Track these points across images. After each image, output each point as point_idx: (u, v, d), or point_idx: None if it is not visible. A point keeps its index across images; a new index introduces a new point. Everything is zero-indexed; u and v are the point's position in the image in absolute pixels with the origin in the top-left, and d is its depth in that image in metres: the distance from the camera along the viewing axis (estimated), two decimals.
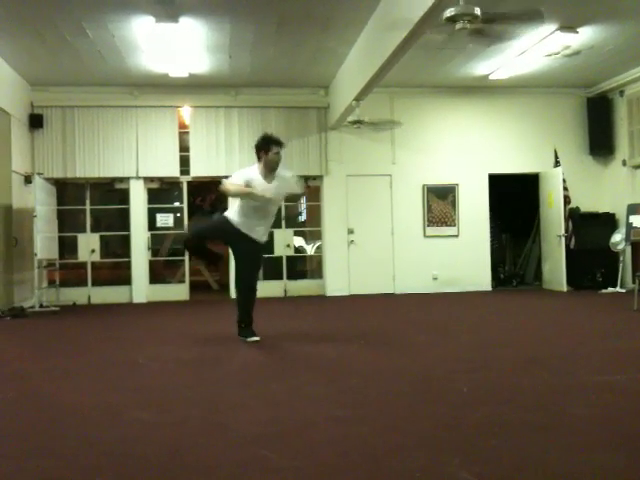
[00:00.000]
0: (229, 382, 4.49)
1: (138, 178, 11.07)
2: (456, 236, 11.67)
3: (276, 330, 7.35)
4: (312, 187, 11.81)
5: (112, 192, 11.50)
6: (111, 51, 9.02)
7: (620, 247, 10.72)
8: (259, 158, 5.94)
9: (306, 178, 11.57)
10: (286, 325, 7.80)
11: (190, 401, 3.93)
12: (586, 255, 11.14)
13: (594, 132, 11.75)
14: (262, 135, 6.10)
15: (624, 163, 11.33)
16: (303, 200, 12.82)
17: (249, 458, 2.84)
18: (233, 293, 10.12)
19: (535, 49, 9.17)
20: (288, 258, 11.60)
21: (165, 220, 11.42)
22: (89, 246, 11.07)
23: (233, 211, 6.06)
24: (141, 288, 11.08)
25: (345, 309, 9.61)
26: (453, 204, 11.66)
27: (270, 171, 5.92)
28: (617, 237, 10.77)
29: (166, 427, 3.36)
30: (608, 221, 11.37)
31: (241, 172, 6.02)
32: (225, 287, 11.71)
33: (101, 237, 11.33)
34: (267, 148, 5.87)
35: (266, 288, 11.36)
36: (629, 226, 10.32)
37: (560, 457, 2.76)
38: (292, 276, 11.67)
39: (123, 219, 11.37)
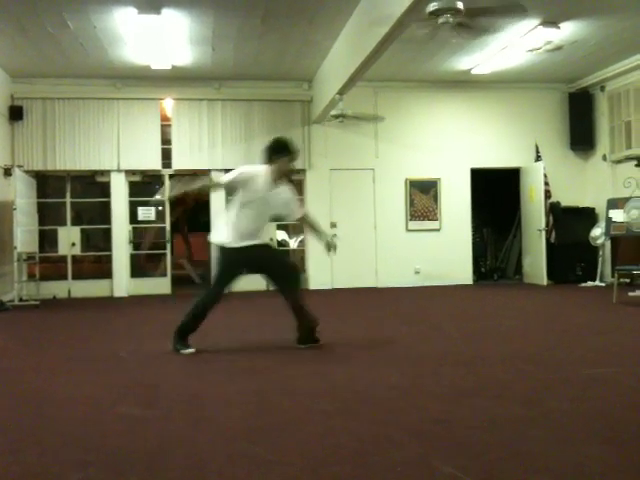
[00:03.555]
0: (215, 377, 4.48)
1: (119, 171, 10.97)
2: (438, 230, 11.72)
3: (261, 324, 7.35)
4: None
5: (93, 185, 11.40)
6: (93, 43, 8.92)
7: (600, 241, 10.83)
8: (270, 161, 5.31)
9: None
10: (270, 319, 7.79)
11: (175, 396, 3.91)
12: (566, 249, 11.25)
13: (575, 127, 11.85)
14: (279, 138, 5.48)
15: (604, 158, 11.45)
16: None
17: (237, 453, 2.84)
18: None
19: (517, 44, 9.22)
20: None
21: (147, 213, 11.35)
22: (70, 239, 10.98)
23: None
24: (122, 282, 11.00)
25: (328, 303, 9.61)
26: (435, 198, 11.71)
27: (279, 178, 5.35)
28: (597, 231, 10.87)
29: (152, 422, 3.35)
30: (588, 215, 11.49)
31: (245, 168, 5.42)
32: (207, 281, 11.65)
33: (82, 230, 11.24)
34: (283, 154, 5.31)
35: (249, 282, 11.36)
36: (609, 220, 10.42)
37: (546, 450, 2.78)
38: None
39: (104, 212, 11.28)
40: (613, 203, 10.43)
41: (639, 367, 4.50)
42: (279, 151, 5.33)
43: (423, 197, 11.69)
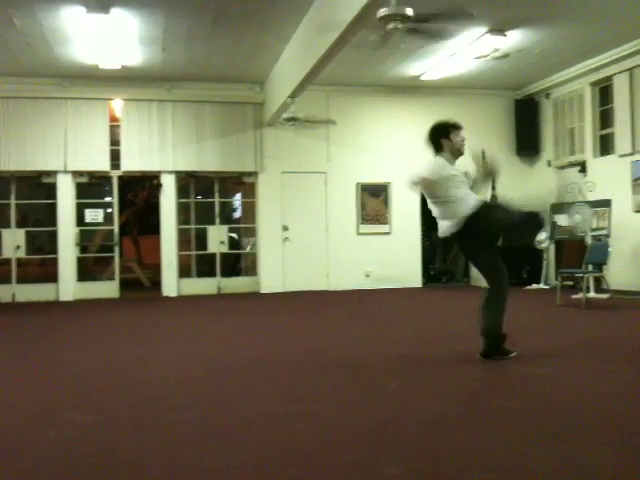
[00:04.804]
0: (162, 381, 4.43)
1: (66, 172, 10.75)
2: (389, 234, 11.84)
3: (211, 327, 7.31)
4: (247, 183, 11.78)
5: (39, 186, 11.15)
6: (40, 41, 8.72)
7: (544, 245, 11.09)
8: (439, 147, 5.25)
9: (241, 174, 11.57)
10: (220, 322, 7.76)
11: (123, 401, 3.86)
12: (512, 253, 11.45)
13: (521, 133, 12.13)
14: (436, 123, 5.38)
15: (549, 164, 11.75)
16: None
17: (184, 458, 2.82)
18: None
19: (466, 51, 9.40)
20: (222, 255, 11.51)
21: (94, 215, 11.15)
22: (14, 242, 10.70)
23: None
24: (68, 285, 10.77)
25: (279, 306, 9.61)
26: (386, 202, 11.83)
27: (457, 157, 5.30)
28: (542, 235, 11.13)
29: (99, 427, 3.30)
30: None
31: (431, 168, 5.18)
32: (157, 285, 11.52)
33: (27, 233, 10.96)
34: (447, 132, 5.21)
35: (199, 286, 11.32)
36: (553, 225, 10.71)
37: (492, 449, 2.84)
38: (226, 273, 11.60)
39: (50, 214, 11.03)
40: (557, 208, 10.73)
41: (578, 367, 4.64)
42: (442, 132, 5.22)
43: (374, 201, 11.80)
